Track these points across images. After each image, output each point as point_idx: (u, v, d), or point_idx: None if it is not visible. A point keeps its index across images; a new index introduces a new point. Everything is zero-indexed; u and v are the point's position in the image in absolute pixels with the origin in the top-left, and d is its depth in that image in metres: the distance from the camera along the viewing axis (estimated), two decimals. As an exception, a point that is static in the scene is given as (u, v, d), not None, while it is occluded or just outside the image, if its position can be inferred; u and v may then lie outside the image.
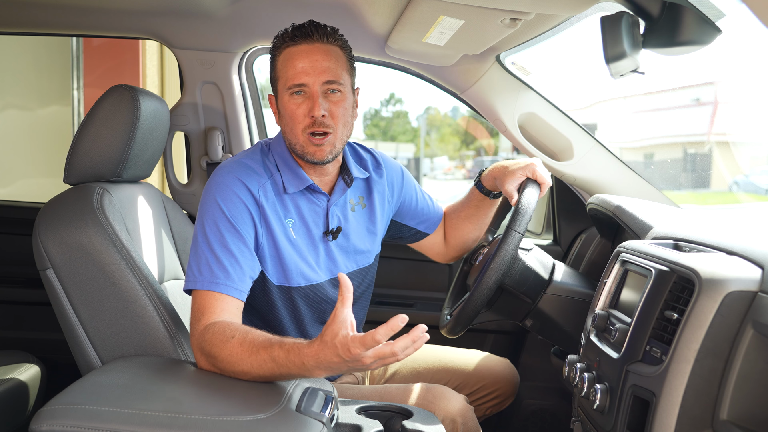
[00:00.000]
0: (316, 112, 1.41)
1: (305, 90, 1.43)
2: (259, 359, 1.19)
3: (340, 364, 1.12)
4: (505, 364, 1.86)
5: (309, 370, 1.16)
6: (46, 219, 1.44)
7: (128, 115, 1.56)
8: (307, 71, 1.42)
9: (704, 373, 1.01)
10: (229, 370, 1.23)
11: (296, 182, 1.49)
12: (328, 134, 1.44)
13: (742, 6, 0.75)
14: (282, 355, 1.18)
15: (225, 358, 1.22)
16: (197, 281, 1.34)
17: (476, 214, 1.77)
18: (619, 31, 1.31)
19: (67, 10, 2.02)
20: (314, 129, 1.42)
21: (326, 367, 1.14)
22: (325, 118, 1.42)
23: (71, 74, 4.26)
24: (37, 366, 1.93)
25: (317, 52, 1.43)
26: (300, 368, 1.16)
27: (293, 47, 1.45)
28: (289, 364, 1.17)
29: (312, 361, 1.14)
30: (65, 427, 1.04)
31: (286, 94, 1.45)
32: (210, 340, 1.25)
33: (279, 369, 1.18)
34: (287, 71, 1.44)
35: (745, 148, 5.06)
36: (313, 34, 1.44)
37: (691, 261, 1.10)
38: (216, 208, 1.39)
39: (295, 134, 1.45)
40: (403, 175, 1.75)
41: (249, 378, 1.22)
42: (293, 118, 1.44)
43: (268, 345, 1.20)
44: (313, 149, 1.44)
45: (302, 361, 1.15)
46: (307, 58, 1.43)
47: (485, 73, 2.03)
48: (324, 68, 1.42)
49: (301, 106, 1.43)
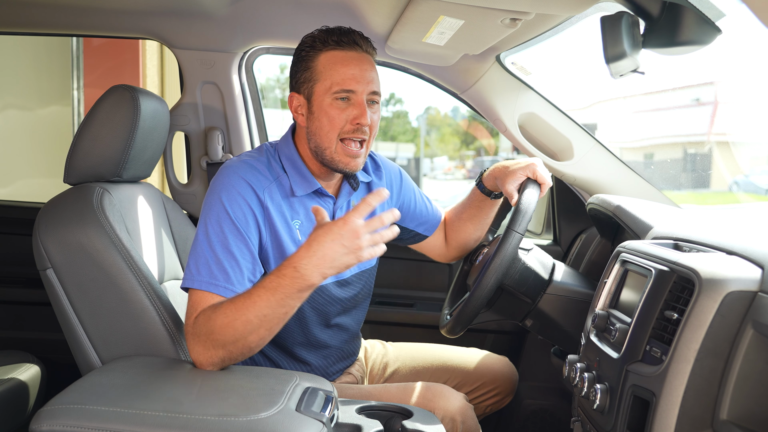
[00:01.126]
0: (365, 120, 1.42)
1: (352, 97, 1.43)
2: (252, 299, 1.21)
3: (334, 245, 1.17)
4: (504, 361, 1.86)
5: (303, 272, 1.18)
6: (46, 219, 1.44)
7: (128, 115, 1.56)
8: (358, 79, 1.42)
9: (704, 373, 1.01)
10: (229, 336, 1.23)
11: (304, 185, 1.49)
12: (364, 142, 1.46)
13: (742, 6, 0.75)
14: (271, 277, 1.20)
15: (220, 323, 1.23)
16: (195, 280, 1.33)
17: (477, 214, 1.77)
18: (619, 31, 1.31)
19: (67, 10, 2.02)
20: (356, 136, 1.43)
21: (320, 257, 1.17)
22: (366, 127, 1.44)
23: (71, 74, 4.26)
24: (37, 366, 1.93)
25: (366, 61, 1.45)
26: (293, 278, 1.18)
27: (340, 52, 1.44)
28: (282, 281, 1.19)
29: (304, 259, 1.18)
30: (65, 427, 1.04)
31: (329, 97, 1.43)
32: (203, 319, 1.26)
33: (274, 295, 1.19)
34: (334, 75, 1.42)
35: (745, 148, 5.06)
36: (361, 44, 1.46)
37: (691, 261, 1.10)
38: (221, 208, 1.38)
39: (330, 139, 1.44)
40: (401, 177, 1.75)
41: (251, 330, 1.22)
42: (332, 123, 1.43)
43: (256, 284, 1.23)
44: (347, 159, 1.45)
45: (293, 266, 1.18)
46: (358, 66, 1.43)
47: (485, 73, 2.03)
48: (372, 78, 1.44)
49: (344, 111, 1.43)
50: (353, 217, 1.18)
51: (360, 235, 1.18)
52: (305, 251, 1.19)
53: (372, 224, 1.20)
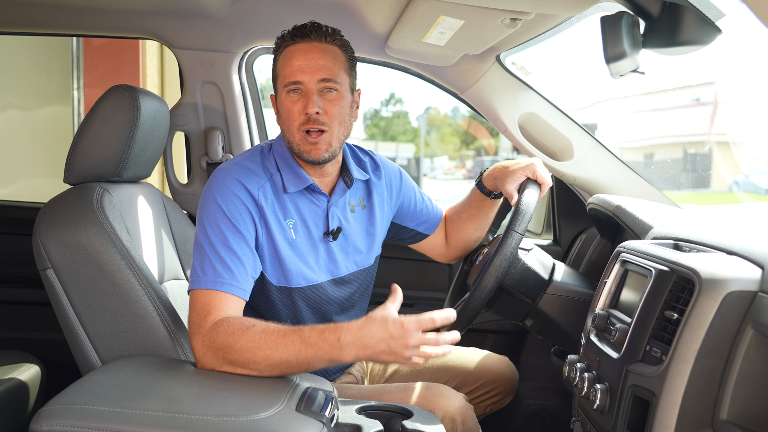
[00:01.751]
0: (310, 109, 1.42)
1: (301, 87, 1.44)
2: (286, 341, 1.21)
3: (381, 341, 1.17)
4: (504, 361, 1.86)
5: (343, 346, 1.18)
6: (46, 219, 1.44)
7: (128, 115, 1.56)
8: (303, 69, 1.43)
9: (704, 373, 1.01)
10: (245, 359, 1.23)
11: (297, 182, 1.49)
12: (323, 132, 1.44)
13: (742, 6, 0.75)
14: (314, 334, 1.21)
15: (243, 345, 1.22)
16: (201, 281, 1.33)
17: (477, 214, 1.77)
18: (619, 31, 1.31)
19: (67, 10, 2.02)
20: (308, 126, 1.43)
21: (364, 344, 1.18)
22: (319, 116, 1.43)
23: (71, 74, 4.26)
24: (37, 366, 1.93)
25: (314, 50, 1.45)
26: (332, 345, 1.19)
27: (292, 46, 1.46)
28: (321, 342, 1.19)
29: (350, 336, 1.18)
30: (65, 427, 1.04)
31: (283, 91, 1.46)
32: (225, 331, 1.25)
33: (307, 350, 1.20)
34: (285, 69, 1.45)
35: (745, 148, 5.06)
36: (311, 33, 1.46)
37: (691, 261, 1.10)
38: (216, 208, 1.39)
39: (291, 132, 1.46)
40: (401, 177, 1.75)
41: (267, 365, 1.22)
42: (289, 116, 1.45)
43: (297, 329, 1.23)
44: (308, 147, 1.45)
45: (338, 336, 1.19)
46: (304, 56, 1.44)
47: (485, 73, 2.03)
48: (320, 66, 1.43)
49: (296, 103, 1.44)
50: (412, 326, 1.18)
51: (409, 345, 1.18)
52: (356, 330, 1.19)
53: (425, 339, 1.20)
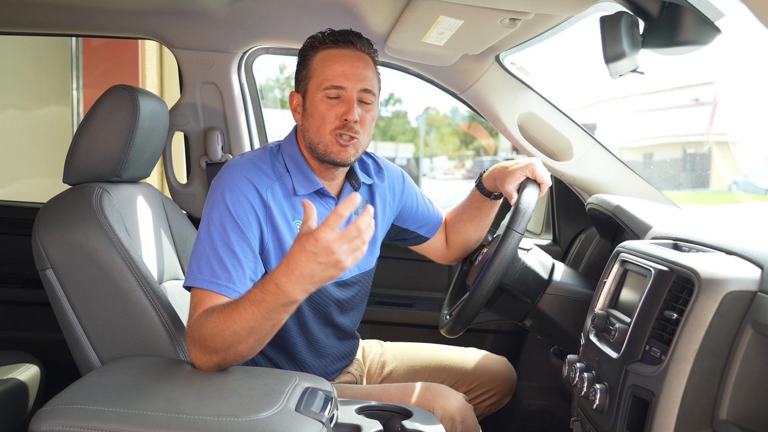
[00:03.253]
0: (351, 116, 1.42)
1: (341, 93, 1.44)
2: (239, 311, 1.19)
3: (310, 264, 1.12)
4: (503, 362, 1.86)
5: (284, 289, 1.14)
6: (45, 219, 1.44)
7: (127, 115, 1.56)
8: (348, 75, 1.43)
9: (704, 373, 1.01)
10: (220, 345, 1.22)
11: (307, 185, 1.49)
12: (354, 138, 1.45)
13: (741, 6, 0.75)
14: (256, 291, 1.18)
15: (211, 332, 1.22)
16: (197, 279, 1.33)
17: (477, 215, 1.77)
18: (618, 31, 1.31)
19: (67, 10, 2.02)
20: (344, 131, 1.43)
21: (299, 275, 1.13)
22: (356, 124, 1.43)
23: (71, 74, 4.26)
24: (37, 366, 1.92)
25: (359, 59, 1.45)
26: (276, 294, 1.15)
27: (334, 50, 1.46)
28: (265, 296, 1.16)
29: (284, 277, 1.14)
30: (65, 427, 1.04)
31: (320, 93, 1.45)
32: (196, 326, 1.25)
33: (259, 309, 1.17)
34: (325, 71, 1.44)
35: (744, 148, 5.06)
36: (355, 42, 1.47)
37: (691, 261, 1.10)
38: (223, 206, 1.38)
39: (322, 134, 1.45)
40: (404, 179, 1.75)
41: (239, 340, 1.20)
42: (323, 119, 1.44)
43: (245, 294, 1.21)
44: (338, 149, 1.45)
45: (274, 283, 1.15)
46: (349, 63, 1.44)
47: (485, 73, 2.03)
48: (363, 76, 1.44)
49: (334, 107, 1.44)
50: (323, 233, 1.10)
51: (334, 249, 1.11)
52: (284, 267, 1.15)
53: (347, 234, 1.12)
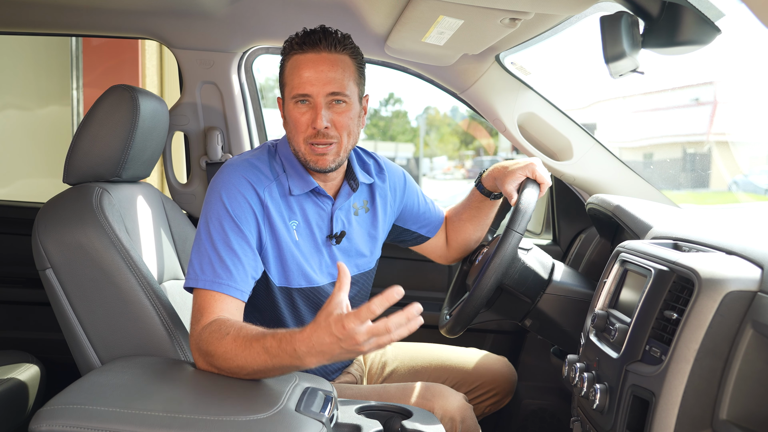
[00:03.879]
0: (318, 124, 1.40)
1: (309, 100, 1.42)
2: (252, 352, 1.18)
3: (332, 346, 1.09)
4: (503, 362, 1.86)
5: (301, 357, 1.13)
6: (45, 219, 1.44)
7: (127, 115, 1.56)
8: (312, 81, 1.41)
9: (704, 372, 1.01)
10: (225, 367, 1.22)
11: (302, 185, 1.49)
12: (331, 144, 1.43)
13: (742, 6, 0.75)
14: (274, 344, 1.16)
15: (221, 354, 1.22)
16: (199, 280, 1.33)
17: (477, 215, 1.77)
18: (618, 31, 1.31)
19: (67, 10, 2.02)
20: (316, 140, 1.42)
21: (318, 351, 1.11)
22: (328, 129, 1.42)
23: (70, 74, 4.26)
24: (37, 366, 1.93)
25: (323, 62, 1.41)
26: (292, 356, 1.14)
27: (300, 55, 1.43)
28: (281, 353, 1.15)
29: (304, 346, 1.12)
30: (65, 427, 1.04)
31: (291, 102, 1.44)
32: (207, 339, 1.25)
33: (272, 360, 1.16)
34: (293, 79, 1.43)
35: (744, 147, 5.06)
36: (321, 42, 1.42)
37: (691, 261, 1.10)
38: (221, 206, 1.38)
39: (298, 142, 1.45)
40: (405, 179, 1.75)
41: (245, 374, 1.21)
42: (296, 126, 1.44)
43: (261, 337, 1.19)
44: (315, 158, 1.44)
45: (294, 347, 1.13)
46: (313, 68, 1.41)
47: (485, 73, 2.03)
48: (329, 79, 1.41)
49: (304, 115, 1.43)
50: (352, 324, 1.06)
51: (360, 342, 1.07)
52: (307, 339, 1.12)
53: (376, 330, 1.07)
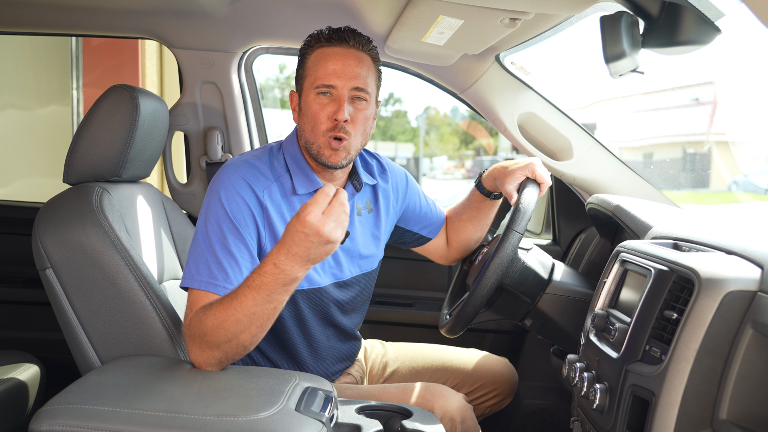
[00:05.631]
0: (340, 115, 1.40)
1: (332, 92, 1.42)
2: (239, 299, 1.20)
3: (304, 243, 1.15)
4: (504, 363, 1.86)
5: (283, 269, 1.17)
6: (45, 219, 1.44)
7: (127, 114, 1.56)
8: (338, 74, 1.41)
9: (704, 372, 1.01)
10: (220, 336, 1.22)
11: (307, 184, 1.49)
12: (343, 140, 1.43)
13: (742, 6, 0.75)
14: (254, 276, 1.20)
15: (212, 325, 1.22)
16: (194, 280, 1.33)
17: (477, 215, 1.77)
18: (618, 30, 1.31)
19: (67, 10, 2.02)
20: (335, 133, 1.42)
21: (295, 254, 1.16)
22: (346, 124, 1.42)
23: (70, 74, 4.26)
24: (37, 366, 1.92)
25: (351, 57, 1.43)
26: (275, 273, 1.17)
27: (328, 48, 1.44)
28: (264, 278, 1.18)
29: (281, 256, 1.17)
30: (65, 427, 1.04)
31: (313, 92, 1.44)
32: (196, 323, 1.26)
33: (260, 291, 1.19)
34: (317, 70, 1.43)
35: (744, 147, 5.06)
36: (349, 39, 1.44)
37: (691, 261, 1.10)
38: (219, 207, 1.38)
39: (316, 134, 1.44)
40: (407, 180, 1.75)
41: (239, 328, 1.21)
42: (316, 118, 1.43)
43: (241, 284, 1.22)
44: (329, 152, 1.43)
45: (273, 263, 1.18)
46: (341, 61, 1.42)
47: (485, 73, 2.03)
48: (355, 74, 1.42)
49: (325, 107, 1.42)
50: (308, 217, 1.14)
51: (322, 230, 1.14)
52: (281, 248, 1.18)
53: (332, 212, 1.15)
